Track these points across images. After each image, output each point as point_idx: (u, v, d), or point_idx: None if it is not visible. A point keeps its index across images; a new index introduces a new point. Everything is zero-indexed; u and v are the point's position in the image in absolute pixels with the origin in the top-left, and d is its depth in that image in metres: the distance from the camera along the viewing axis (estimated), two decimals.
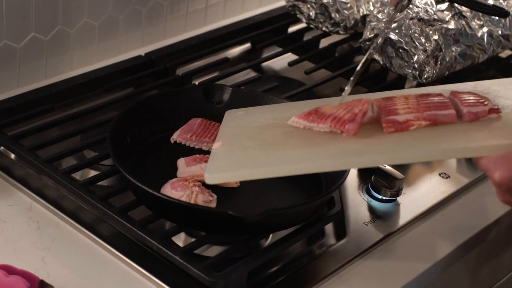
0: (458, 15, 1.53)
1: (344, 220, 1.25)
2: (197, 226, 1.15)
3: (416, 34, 1.47)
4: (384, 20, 1.50)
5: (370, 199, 1.30)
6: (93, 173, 1.28)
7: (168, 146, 1.29)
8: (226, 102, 1.35)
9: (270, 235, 1.20)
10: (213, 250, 1.16)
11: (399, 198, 1.30)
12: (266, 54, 1.66)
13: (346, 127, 1.09)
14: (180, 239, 1.18)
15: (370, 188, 1.31)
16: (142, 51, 1.59)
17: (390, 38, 1.49)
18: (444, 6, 1.53)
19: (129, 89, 1.51)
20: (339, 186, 1.18)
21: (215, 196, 1.17)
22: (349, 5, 1.61)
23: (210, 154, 1.14)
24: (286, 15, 1.72)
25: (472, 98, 1.11)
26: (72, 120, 1.36)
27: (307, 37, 1.71)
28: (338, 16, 1.61)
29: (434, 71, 1.48)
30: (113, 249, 1.16)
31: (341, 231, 1.23)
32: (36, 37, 1.45)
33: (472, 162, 1.35)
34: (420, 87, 1.27)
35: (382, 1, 1.58)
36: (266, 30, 1.70)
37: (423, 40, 1.47)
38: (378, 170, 1.29)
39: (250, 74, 1.60)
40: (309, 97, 1.40)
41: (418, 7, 1.51)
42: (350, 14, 1.61)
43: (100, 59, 1.57)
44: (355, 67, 1.24)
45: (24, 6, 1.41)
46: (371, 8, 1.59)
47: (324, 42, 1.69)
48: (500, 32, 1.57)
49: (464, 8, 1.53)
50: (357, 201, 1.30)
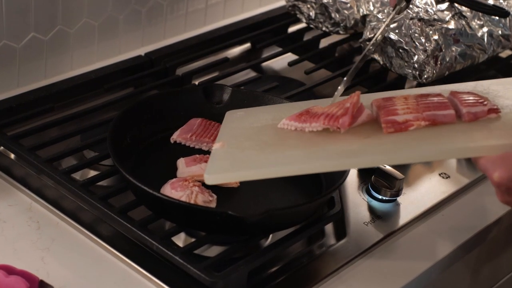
0: (458, 15, 1.53)
1: (344, 220, 1.25)
2: (197, 226, 1.15)
3: (416, 34, 1.47)
4: (384, 20, 1.50)
5: (370, 199, 1.30)
6: (93, 173, 1.28)
7: (168, 146, 1.29)
8: (226, 102, 1.34)
9: (270, 235, 1.20)
10: (213, 250, 1.16)
11: (399, 198, 1.30)
12: (266, 54, 1.66)
13: (340, 121, 1.09)
14: (180, 239, 1.18)
15: (370, 188, 1.31)
16: (142, 51, 1.58)
17: (390, 38, 1.49)
18: (444, 6, 1.53)
19: (129, 89, 1.51)
20: (339, 186, 1.18)
21: (215, 196, 1.17)
22: (349, 5, 1.61)
23: (210, 154, 1.14)
24: (286, 15, 1.72)
25: (471, 98, 1.11)
26: (72, 120, 1.36)
27: (307, 37, 1.71)
28: (338, 16, 1.61)
29: (434, 71, 1.48)
30: (113, 249, 1.16)
31: (341, 231, 1.23)
32: (36, 37, 1.45)
33: (472, 162, 1.35)
34: (420, 87, 1.27)
35: (382, 1, 1.58)
36: (266, 30, 1.70)
37: (423, 40, 1.47)
38: (378, 170, 1.29)
39: (250, 74, 1.60)
40: (309, 97, 1.40)
41: (418, 7, 1.51)
42: (350, 14, 1.61)
43: (100, 59, 1.57)
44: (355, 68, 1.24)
45: (24, 6, 1.41)
46: (371, 8, 1.59)
47: (324, 42, 1.69)
48: (500, 32, 1.57)
49: (464, 8, 1.53)
50: (357, 201, 1.30)
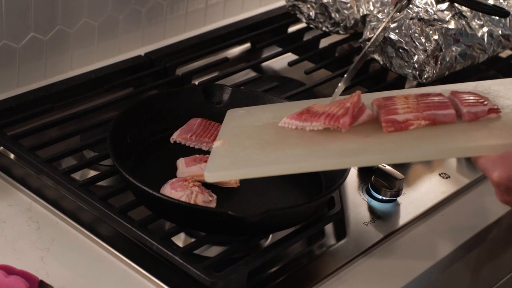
0: (458, 15, 1.53)
1: (344, 220, 1.25)
2: (197, 226, 1.15)
3: (416, 34, 1.47)
4: (384, 20, 1.50)
5: (370, 199, 1.30)
6: (92, 173, 1.28)
7: (168, 146, 1.29)
8: (226, 102, 1.34)
9: (270, 235, 1.20)
10: (213, 250, 1.16)
11: (399, 198, 1.30)
12: (266, 54, 1.66)
13: (340, 122, 1.09)
14: (180, 240, 1.18)
15: (370, 188, 1.30)
16: (142, 51, 1.58)
17: (390, 38, 1.49)
18: (444, 6, 1.53)
19: (129, 89, 1.51)
20: (339, 186, 1.18)
21: (215, 196, 1.17)
22: (349, 5, 1.60)
23: (210, 153, 1.14)
24: (286, 15, 1.72)
25: (472, 98, 1.11)
26: (71, 120, 1.36)
27: (307, 37, 1.71)
28: (338, 16, 1.61)
29: (434, 71, 1.48)
30: (112, 249, 1.15)
31: (341, 231, 1.23)
32: (35, 37, 1.45)
33: (472, 162, 1.35)
34: (420, 87, 1.26)
35: (382, 1, 1.58)
36: (266, 30, 1.70)
37: (423, 40, 1.47)
38: (378, 170, 1.29)
39: (250, 74, 1.60)
40: (309, 97, 1.40)
41: (418, 7, 1.51)
42: (350, 14, 1.61)
43: (99, 59, 1.57)
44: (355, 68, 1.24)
45: (23, 6, 1.41)
46: (371, 8, 1.59)
47: (324, 42, 1.69)
48: (500, 32, 1.57)
49: (464, 8, 1.53)
50: (357, 201, 1.29)
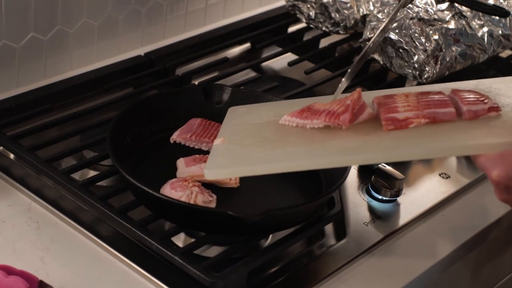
0: (458, 15, 1.53)
1: (344, 220, 1.25)
2: (196, 227, 1.15)
3: (416, 34, 1.47)
4: (384, 20, 1.50)
5: (370, 199, 1.30)
6: (92, 173, 1.28)
7: (167, 146, 1.29)
8: (225, 102, 1.34)
9: (270, 236, 1.20)
10: (212, 251, 1.16)
11: (399, 198, 1.30)
12: (266, 54, 1.66)
13: (341, 119, 1.09)
14: (179, 240, 1.18)
15: (370, 188, 1.30)
16: (141, 51, 1.58)
17: (390, 38, 1.48)
18: (444, 6, 1.52)
19: (128, 89, 1.51)
20: (339, 186, 1.18)
21: (215, 196, 1.17)
22: (349, 5, 1.60)
23: (211, 150, 1.14)
24: (286, 15, 1.72)
25: (472, 96, 1.11)
26: (71, 120, 1.36)
27: (307, 37, 1.71)
28: (338, 16, 1.61)
29: (434, 71, 1.48)
30: (112, 249, 1.15)
31: (341, 232, 1.23)
32: (35, 37, 1.45)
33: (472, 162, 1.35)
34: (420, 86, 1.26)
35: (382, 1, 1.58)
36: (266, 30, 1.70)
37: (423, 40, 1.47)
38: (378, 170, 1.29)
39: (250, 74, 1.59)
40: (309, 97, 1.39)
41: (418, 7, 1.51)
42: (350, 14, 1.61)
43: (99, 59, 1.57)
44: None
45: (23, 6, 1.41)
46: (371, 8, 1.59)
47: (324, 42, 1.69)
48: (500, 32, 1.57)
49: (464, 8, 1.53)
50: (357, 201, 1.29)
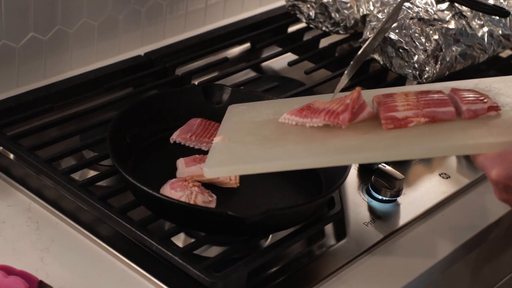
0: (459, 15, 1.52)
1: (344, 220, 1.25)
2: (196, 227, 1.15)
3: (416, 34, 1.47)
4: (384, 19, 1.50)
5: (370, 200, 1.30)
6: (92, 173, 1.28)
7: (167, 146, 1.29)
8: (225, 102, 1.34)
9: (270, 236, 1.20)
10: (212, 251, 1.16)
11: (399, 199, 1.30)
12: (265, 54, 1.66)
13: (340, 118, 1.09)
14: (179, 240, 1.18)
15: (370, 188, 1.30)
16: (141, 51, 1.58)
17: (390, 38, 1.48)
18: (444, 5, 1.52)
19: (128, 89, 1.51)
20: (339, 186, 1.18)
21: (215, 196, 1.17)
22: (349, 4, 1.60)
23: (210, 148, 1.14)
24: (286, 15, 1.72)
25: (471, 95, 1.11)
26: (71, 120, 1.36)
27: (307, 37, 1.71)
28: (338, 16, 1.61)
29: (434, 71, 1.48)
30: (112, 249, 1.15)
31: (341, 232, 1.23)
32: (35, 37, 1.45)
33: (472, 162, 1.35)
34: (420, 85, 1.26)
35: (382, 1, 1.58)
36: (266, 30, 1.70)
37: (423, 40, 1.47)
38: (378, 170, 1.29)
39: (249, 74, 1.59)
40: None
41: (418, 7, 1.51)
42: (350, 14, 1.60)
43: (99, 59, 1.57)
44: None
45: (23, 6, 1.41)
46: (371, 8, 1.59)
47: (324, 42, 1.69)
48: (500, 32, 1.57)
49: (464, 7, 1.53)
50: (357, 201, 1.29)
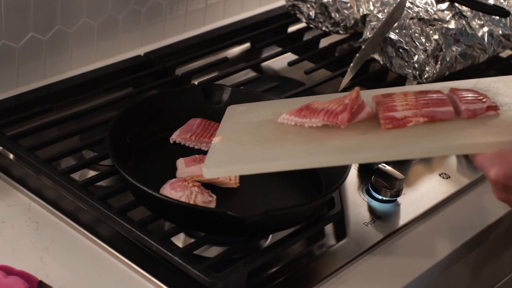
0: (459, 15, 1.52)
1: (344, 220, 1.25)
2: (196, 227, 1.15)
3: (416, 34, 1.47)
4: (384, 19, 1.50)
5: (370, 200, 1.29)
6: (92, 173, 1.28)
7: (167, 146, 1.29)
8: (225, 102, 1.34)
9: (270, 236, 1.19)
10: (212, 251, 1.16)
11: (399, 199, 1.30)
12: (265, 54, 1.66)
13: (339, 118, 1.09)
14: (179, 240, 1.17)
15: (370, 188, 1.30)
16: (141, 51, 1.58)
17: (390, 38, 1.48)
18: (444, 5, 1.52)
19: (128, 89, 1.51)
20: (339, 187, 1.18)
21: (215, 196, 1.17)
22: (349, 4, 1.60)
23: (209, 149, 1.14)
24: (286, 15, 1.71)
25: (470, 95, 1.11)
26: (71, 120, 1.36)
27: (307, 37, 1.71)
28: (338, 15, 1.61)
29: (435, 71, 1.48)
30: (112, 249, 1.15)
31: (341, 232, 1.23)
32: (34, 37, 1.45)
33: (472, 162, 1.35)
34: (419, 85, 1.26)
35: (382, 1, 1.58)
36: (266, 30, 1.70)
37: (423, 40, 1.46)
38: (378, 170, 1.29)
39: (249, 74, 1.59)
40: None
41: (418, 7, 1.51)
42: (350, 13, 1.60)
43: (99, 59, 1.57)
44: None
45: (23, 6, 1.41)
46: (371, 7, 1.59)
47: (324, 42, 1.69)
48: (500, 32, 1.57)
49: (464, 7, 1.53)
50: (357, 201, 1.29)
